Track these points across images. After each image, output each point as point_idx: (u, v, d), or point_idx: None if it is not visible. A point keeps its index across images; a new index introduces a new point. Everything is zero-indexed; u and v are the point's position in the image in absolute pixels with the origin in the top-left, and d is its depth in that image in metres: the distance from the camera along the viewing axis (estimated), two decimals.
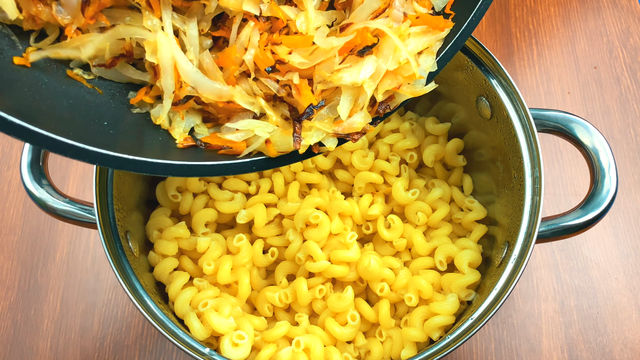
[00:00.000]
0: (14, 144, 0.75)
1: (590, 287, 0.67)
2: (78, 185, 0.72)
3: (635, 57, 0.80)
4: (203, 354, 0.47)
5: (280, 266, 0.58)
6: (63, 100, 0.37)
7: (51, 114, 0.35)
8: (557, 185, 0.72)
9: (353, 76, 0.38)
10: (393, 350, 0.55)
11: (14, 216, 0.71)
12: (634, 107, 0.77)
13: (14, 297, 0.67)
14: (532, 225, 0.50)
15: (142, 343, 0.64)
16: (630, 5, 0.84)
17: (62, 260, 0.68)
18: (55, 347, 0.64)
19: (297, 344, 0.52)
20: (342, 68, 0.38)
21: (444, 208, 0.60)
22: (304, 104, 0.38)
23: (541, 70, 0.80)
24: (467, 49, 0.55)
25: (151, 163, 0.36)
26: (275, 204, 0.59)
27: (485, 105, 0.57)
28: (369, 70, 0.38)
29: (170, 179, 0.60)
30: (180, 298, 0.53)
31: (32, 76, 0.37)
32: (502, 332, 0.65)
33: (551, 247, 0.69)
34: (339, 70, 0.38)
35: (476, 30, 0.82)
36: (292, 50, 0.38)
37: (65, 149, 0.33)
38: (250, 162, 0.40)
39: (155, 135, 0.40)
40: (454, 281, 0.55)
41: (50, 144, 0.32)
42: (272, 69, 0.38)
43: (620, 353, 0.64)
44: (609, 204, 0.51)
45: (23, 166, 0.53)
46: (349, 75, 0.38)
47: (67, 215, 0.53)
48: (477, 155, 0.63)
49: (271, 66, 0.38)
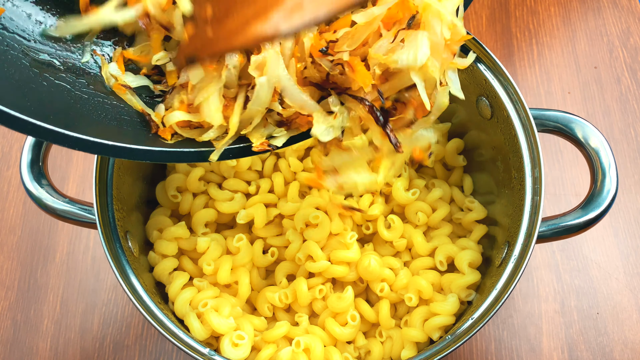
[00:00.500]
0: (13, 144, 0.75)
1: (591, 287, 0.67)
2: (78, 185, 0.72)
3: (635, 57, 0.80)
4: (203, 354, 0.47)
5: (280, 266, 0.58)
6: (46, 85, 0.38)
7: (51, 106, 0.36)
8: (558, 185, 0.72)
9: (411, 56, 0.35)
10: (393, 351, 0.55)
11: (14, 216, 0.71)
12: (634, 107, 0.77)
13: (14, 297, 0.67)
14: (533, 225, 0.49)
15: (142, 343, 0.64)
16: (631, 5, 0.84)
17: (62, 260, 0.68)
18: (55, 347, 0.64)
19: (297, 344, 0.52)
20: (396, 48, 0.36)
21: (444, 208, 0.60)
22: (359, 81, 0.37)
23: (541, 70, 0.80)
24: (467, 49, 0.55)
25: (129, 149, 0.37)
26: (275, 204, 0.59)
27: (485, 105, 0.57)
28: (425, 46, 0.35)
29: (170, 179, 0.60)
30: (180, 298, 0.53)
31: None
32: (502, 332, 0.65)
33: (551, 247, 0.69)
34: (393, 51, 0.36)
35: (476, 30, 0.82)
36: (337, 30, 0.38)
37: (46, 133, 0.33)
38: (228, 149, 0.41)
39: (132, 124, 0.41)
40: (454, 281, 0.55)
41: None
42: (325, 51, 0.38)
43: (620, 353, 0.64)
44: (609, 204, 0.51)
45: (23, 166, 0.53)
46: (406, 56, 0.35)
47: (67, 215, 0.53)
48: (477, 155, 0.63)
49: (325, 47, 0.38)
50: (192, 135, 0.41)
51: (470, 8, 0.84)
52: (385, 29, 0.37)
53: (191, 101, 0.41)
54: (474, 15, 0.83)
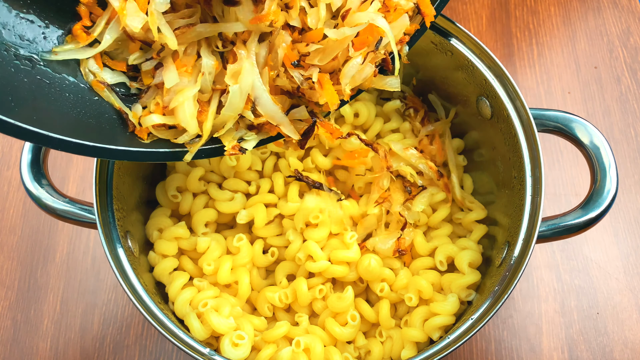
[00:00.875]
0: (14, 144, 0.75)
1: (591, 287, 0.67)
2: (78, 185, 0.72)
3: (635, 57, 0.80)
4: (203, 354, 0.47)
5: (280, 266, 0.58)
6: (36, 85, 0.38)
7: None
8: (558, 185, 0.72)
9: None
10: (393, 351, 0.55)
11: (14, 216, 0.71)
12: (634, 107, 0.77)
13: (14, 297, 0.67)
14: (533, 225, 0.49)
15: (142, 343, 0.64)
16: (631, 5, 0.84)
17: (62, 260, 0.68)
18: (55, 347, 0.64)
19: (297, 344, 0.52)
20: (365, 68, 0.42)
21: (444, 208, 0.60)
22: (327, 100, 0.41)
23: (541, 70, 0.80)
24: (467, 49, 0.55)
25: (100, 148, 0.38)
26: (275, 204, 0.59)
27: (485, 105, 0.57)
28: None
29: (170, 179, 0.60)
30: (180, 298, 0.53)
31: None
32: (503, 332, 0.65)
33: (551, 247, 0.69)
34: (362, 71, 0.42)
35: (476, 30, 0.82)
36: (309, 43, 0.41)
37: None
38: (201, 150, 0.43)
39: (110, 121, 0.42)
40: (454, 281, 0.55)
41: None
42: (297, 64, 0.41)
43: (620, 353, 0.64)
44: (609, 204, 0.51)
45: (23, 166, 0.53)
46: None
47: (67, 215, 0.53)
48: (477, 155, 0.63)
49: (297, 60, 0.41)
50: (167, 136, 0.43)
51: (470, 8, 0.84)
52: (353, 48, 0.41)
53: (167, 103, 0.42)
54: (474, 15, 0.83)
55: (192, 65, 0.42)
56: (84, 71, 0.42)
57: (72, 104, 0.40)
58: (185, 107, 0.41)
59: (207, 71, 0.42)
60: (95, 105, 0.42)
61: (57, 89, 0.40)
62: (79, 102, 0.41)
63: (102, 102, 0.42)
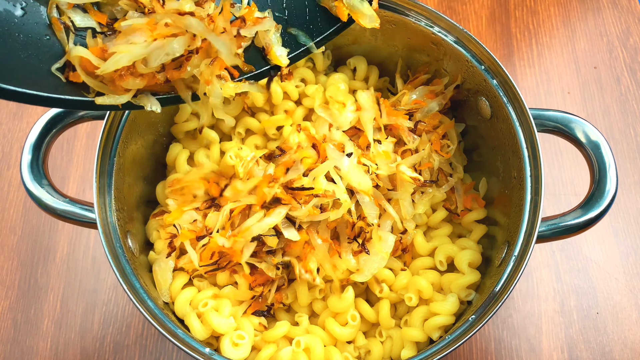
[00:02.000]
0: (14, 144, 0.75)
1: (590, 287, 0.67)
2: (78, 185, 0.72)
3: (635, 57, 0.80)
4: (203, 354, 0.47)
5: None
6: None
7: None
8: (557, 185, 0.72)
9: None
10: (393, 350, 0.55)
11: (14, 216, 0.71)
12: (634, 107, 0.77)
13: (14, 297, 0.67)
14: (532, 225, 0.49)
15: (142, 343, 0.64)
16: (630, 5, 0.84)
17: (62, 260, 0.68)
18: (55, 347, 0.64)
19: (297, 344, 0.52)
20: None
21: (444, 208, 0.60)
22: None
23: (541, 70, 0.80)
24: (467, 49, 0.55)
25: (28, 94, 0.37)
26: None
27: (485, 105, 0.57)
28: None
29: (170, 179, 0.60)
30: (180, 298, 0.53)
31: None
32: (502, 332, 0.65)
33: (551, 247, 0.69)
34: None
35: (476, 30, 0.82)
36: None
37: None
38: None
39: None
40: (454, 281, 0.55)
41: None
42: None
43: (620, 353, 0.64)
44: (609, 204, 0.51)
45: (23, 166, 0.53)
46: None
47: (67, 215, 0.53)
48: (477, 155, 0.63)
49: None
50: (97, 86, 0.40)
51: (470, 8, 0.84)
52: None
53: (107, 48, 0.40)
54: (474, 16, 0.83)
55: (163, 35, 0.40)
56: (51, 3, 0.40)
57: (22, 45, 0.38)
58: (120, 58, 0.39)
59: (168, 51, 0.40)
60: (45, 48, 0.39)
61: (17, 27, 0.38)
62: (32, 42, 0.38)
63: (53, 44, 0.40)
